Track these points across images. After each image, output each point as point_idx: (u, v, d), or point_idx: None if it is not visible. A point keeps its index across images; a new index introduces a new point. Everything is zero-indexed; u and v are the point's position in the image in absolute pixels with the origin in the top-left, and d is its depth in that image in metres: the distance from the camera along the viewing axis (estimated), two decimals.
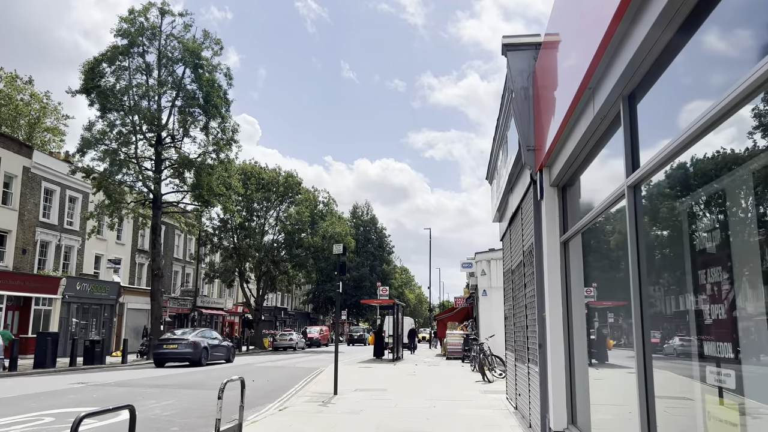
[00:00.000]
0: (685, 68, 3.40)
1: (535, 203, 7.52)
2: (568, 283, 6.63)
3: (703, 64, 3.22)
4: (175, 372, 20.78)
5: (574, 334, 6.48)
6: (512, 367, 10.85)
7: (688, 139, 3.07)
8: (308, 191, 46.99)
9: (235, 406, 7.81)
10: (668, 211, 3.87)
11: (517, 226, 9.46)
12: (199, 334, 25.80)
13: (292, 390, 14.30)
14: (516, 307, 10.28)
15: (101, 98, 28.53)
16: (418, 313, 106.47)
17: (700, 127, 2.89)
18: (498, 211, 11.93)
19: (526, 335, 8.60)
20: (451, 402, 11.77)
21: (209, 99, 30.75)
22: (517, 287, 10.09)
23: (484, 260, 25.28)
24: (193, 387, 15.24)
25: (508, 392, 11.96)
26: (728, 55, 2.94)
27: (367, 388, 14.48)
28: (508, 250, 11.19)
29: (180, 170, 30.69)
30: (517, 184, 9.01)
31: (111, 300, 36.43)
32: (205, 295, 52.76)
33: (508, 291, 11.98)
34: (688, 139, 3.07)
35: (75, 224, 34.97)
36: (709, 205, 3.21)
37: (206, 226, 43.03)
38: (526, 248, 8.34)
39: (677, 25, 3.21)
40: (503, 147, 9.81)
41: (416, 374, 18.93)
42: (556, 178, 6.68)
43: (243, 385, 7.20)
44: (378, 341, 28.82)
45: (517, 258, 9.73)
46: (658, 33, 3.32)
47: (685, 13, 3.10)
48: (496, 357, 17.00)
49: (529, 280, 8.38)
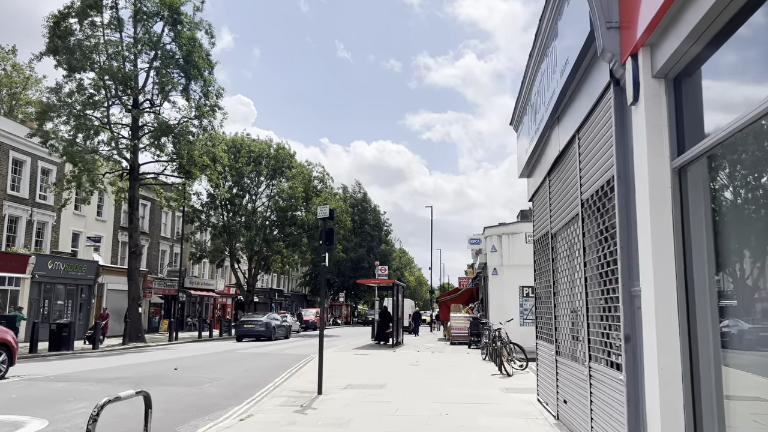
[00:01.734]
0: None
1: (618, 115, 4.81)
2: (686, 238, 3.96)
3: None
4: (159, 358, 18.20)
5: (697, 321, 3.82)
6: (550, 363, 8.22)
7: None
8: (302, 165, 44.13)
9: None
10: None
11: (568, 167, 6.74)
12: (268, 316, 33.30)
13: (269, 386, 11.70)
14: (559, 282, 7.61)
15: (67, 56, 25.55)
16: (418, 296, 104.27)
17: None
18: (529, 161, 9.21)
19: (584, 321, 5.95)
20: (468, 406, 9.15)
21: (190, 59, 27.84)
22: (562, 255, 7.41)
23: (495, 235, 22.59)
24: (147, 383, 12.66)
25: (540, 393, 9.34)
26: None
27: (361, 383, 11.87)
28: (545, 209, 8.50)
29: (158, 137, 27.82)
30: (573, 102, 6.28)
31: (89, 280, 33.76)
32: (195, 275, 50.15)
33: (541, 263, 9.30)
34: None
35: (49, 199, 32.23)
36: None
37: (193, 202, 40.26)
38: (591, 193, 5.64)
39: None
40: (546, 59, 7.06)
41: (420, 364, 16.34)
42: (667, 62, 3.97)
43: (148, 404, 4.52)
44: (381, 324, 26.15)
45: (564, 215, 7.04)
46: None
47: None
48: (515, 345, 14.38)
49: (594, 240, 5.69)
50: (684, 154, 3.96)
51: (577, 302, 6.44)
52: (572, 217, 6.56)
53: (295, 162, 43.71)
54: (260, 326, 30.83)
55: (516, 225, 23.17)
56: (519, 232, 22.03)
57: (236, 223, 42.26)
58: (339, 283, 65.13)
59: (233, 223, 42.14)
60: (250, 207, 43.10)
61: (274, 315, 34.92)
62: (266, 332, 30.75)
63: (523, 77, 8.77)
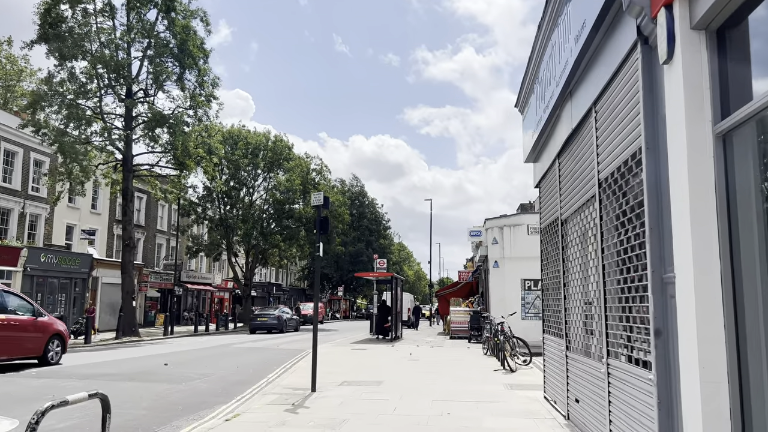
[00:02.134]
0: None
1: (646, 78, 4.22)
2: (732, 214, 3.39)
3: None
4: (152, 352, 17.64)
5: (746, 313, 3.25)
6: (559, 360, 7.67)
7: None
8: (300, 158, 43.44)
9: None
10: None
11: (582, 146, 6.16)
12: (279, 310, 35.25)
13: (261, 382, 11.15)
14: (570, 272, 7.05)
15: (58, 44, 24.86)
16: (417, 290, 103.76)
17: None
18: (536, 144, 8.63)
19: (601, 314, 5.39)
20: (471, 404, 8.60)
21: (184, 48, 27.16)
22: (573, 243, 6.85)
23: (496, 227, 22.00)
24: (135, 379, 12.11)
25: (547, 390, 8.79)
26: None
27: (358, 380, 11.32)
28: (553, 194, 7.93)
29: (152, 127, 27.18)
30: (589, 72, 5.68)
31: (83, 274, 33.14)
32: (192, 269, 49.58)
33: (548, 253, 8.74)
34: None
35: (43, 191, 31.60)
36: None
37: (190, 195, 39.62)
38: (611, 171, 5.06)
39: None
40: (557, 28, 6.46)
41: (419, 359, 15.79)
42: (709, 11, 3.38)
43: (105, 408, 3.95)
44: (380, 318, 25.58)
45: (576, 198, 6.47)
46: None
47: None
48: (518, 339, 13.82)
49: (613, 223, 5.12)
50: (729, 117, 3.38)
51: (592, 293, 5.87)
52: (587, 200, 5.98)
53: (293, 154, 43.04)
54: (272, 319, 32.72)
55: (518, 216, 22.60)
56: (521, 224, 21.46)
57: (233, 216, 41.63)
58: (337, 277, 64.61)
59: (230, 216, 41.52)
60: (248, 200, 42.46)
61: (285, 309, 36.74)
62: (278, 325, 32.62)
63: (531, 52, 8.17)
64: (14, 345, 13.41)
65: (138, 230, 41.47)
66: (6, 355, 13.25)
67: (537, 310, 21.00)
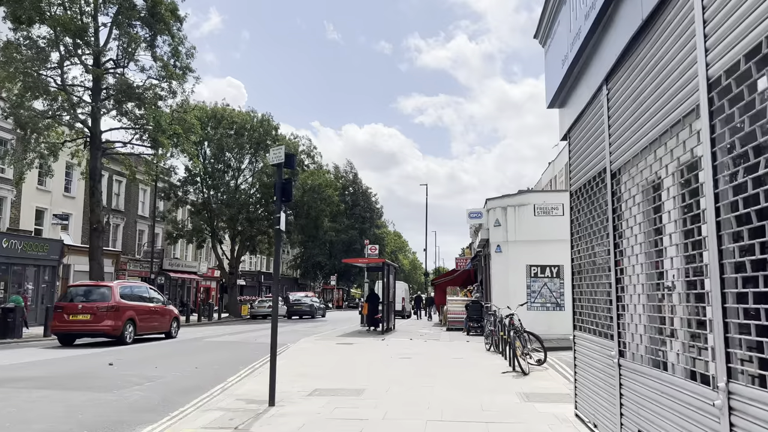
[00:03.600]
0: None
1: None
2: None
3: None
4: (108, 348, 15.42)
5: None
6: (604, 368, 5.47)
7: None
8: (287, 140, 41.05)
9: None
10: None
11: (669, 32, 3.91)
12: (310, 298, 43.17)
13: (215, 390, 8.94)
14: (628, 246, 4.82)
15: (13, 5, 22.38)
16: (412, 279, 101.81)
17: None
18: (567, 77, 6.40)
19: (715, 311, 3.18)
20: (479, 427, 6.41)
21: (155, 12, 24.72)
22: (636, 202, 4.62)
23: (499, 207, 19.76)
24: (55, 386, 9.88)
25: (580, 407, 6.60)
26: None
27: (334, 387, 9.10)
28: (596, 137, 5.70)
29: (120, 100, 24.79)
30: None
31: (52, 261, 30.77)
32: (177, 257, 47.27)
33: (581, 223, 6.51)
34: None
35: (8, 172, 29.19)
36: None
37: (170, 178, 37.23)
38: (733, 58, 2.82)
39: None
40: None
41: (412, 357, 13.57)
42: None
43: None
44: (371, 309, 23.36)
45: (647, 129, 4.23)
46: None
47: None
48: (530, 334, 11.60)
49: (742, 148, 2.89)
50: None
51: (674, 277, 3.66)
52: (674, 122, 3.74)
53: (280, 135, 40.63)
54: (306, 307, 39.87)
55: (523, 195, 20.37)
56: (527, 204, 19.25)
57: (217, 200, 39.28)
58: (330, 265, 62.44)
59: (213, 200, 39.18)
60: (233, 184, 40.11)
61: (314, 297, 45.09)
62: (310, 311, 39.48)
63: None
64: (160, 324, 20.06)
65: (117, 215, 39.13)
66: (156, 331, 19.84)
67: (544, 299, 18.85)
